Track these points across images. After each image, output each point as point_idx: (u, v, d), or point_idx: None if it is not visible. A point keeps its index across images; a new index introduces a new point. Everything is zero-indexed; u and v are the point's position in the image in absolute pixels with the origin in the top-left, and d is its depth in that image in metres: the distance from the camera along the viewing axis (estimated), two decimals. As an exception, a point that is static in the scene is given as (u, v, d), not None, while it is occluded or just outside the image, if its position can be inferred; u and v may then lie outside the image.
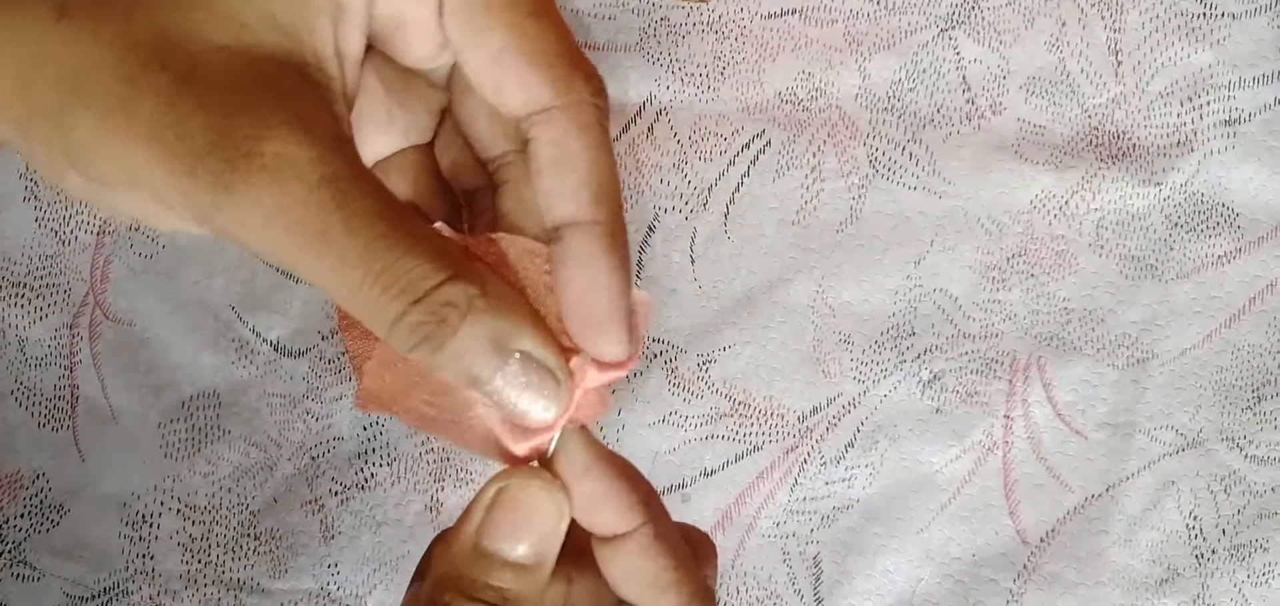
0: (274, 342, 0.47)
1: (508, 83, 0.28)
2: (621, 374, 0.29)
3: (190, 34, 0.25)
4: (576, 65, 0.28)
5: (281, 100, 0.25)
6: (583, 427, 0.30)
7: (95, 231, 0.48)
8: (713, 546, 0.33)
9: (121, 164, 0.24)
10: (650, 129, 0.47)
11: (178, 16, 0.25)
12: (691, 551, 0.30)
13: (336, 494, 0.47)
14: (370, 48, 0.29)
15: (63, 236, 0.48)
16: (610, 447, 0.46)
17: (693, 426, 0.47)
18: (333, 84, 0.27)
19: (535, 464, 0.30)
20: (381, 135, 0.32)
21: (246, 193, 0.24)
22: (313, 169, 0.24)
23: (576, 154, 0.28)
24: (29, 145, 0.25)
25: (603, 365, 0.29)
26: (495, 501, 0.28)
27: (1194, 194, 0.47)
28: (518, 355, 0.27)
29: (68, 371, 0.47)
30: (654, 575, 0.29)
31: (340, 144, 0.25)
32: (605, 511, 0.29)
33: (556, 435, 0.29)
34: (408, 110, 0.31)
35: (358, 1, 0.27)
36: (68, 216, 0.48)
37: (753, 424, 0.47)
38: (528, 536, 0.28)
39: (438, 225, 0.29)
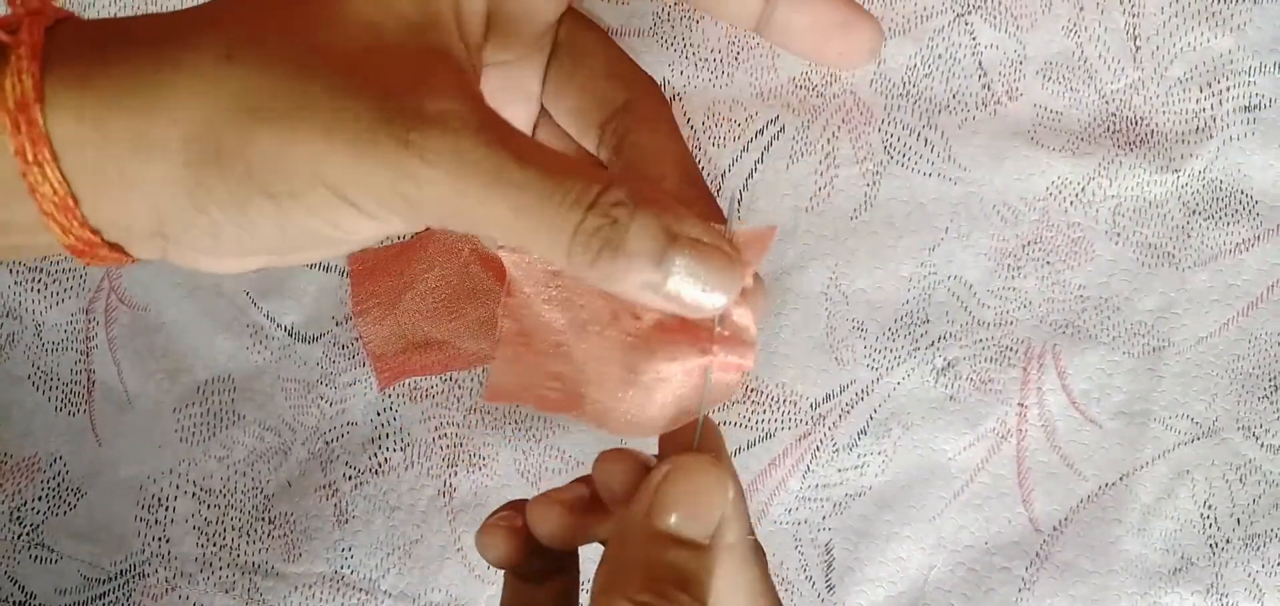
0: (288, 328, 0.48)
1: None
2: (752, 349, 0.31)
3: (339, 41, 0.27)
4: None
5: (430, 68, 0.28)
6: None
7: (110, 216, 0.48)
8: (763, 552, 0.34)
9: (306, 164, 0.26)
10: (663, 114, 0.47)
11: (327, 31, 0.27)
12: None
13: (350, 478, 0.47)
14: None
15: (78, 221, 0.48)
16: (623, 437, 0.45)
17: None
18: (462, 55, 0.29)
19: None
20: None
21: (425, 145, 0.26)
22: (474, 116, 0.27)
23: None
24: (207, 190, 0.27)
25: (734, 344, 0.30)
26: (665, 479, 0.29)
27: (1212, 181, 0.47)
28: (685, 245, 0.27)
29: (84, 356, 0.48)
30: (751, 584, 0.31)
31: (484, 100, 0.28)
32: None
33: (700, 420, 0.30)
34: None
35: (473, 10, 0.30)
36: (83, 201, 0.48)
37: (765, 411, 0.47)
38: (699, 513, 0.29)
39: None
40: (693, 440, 0.31)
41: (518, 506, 0.34)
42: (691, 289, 0.27)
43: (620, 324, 0.31)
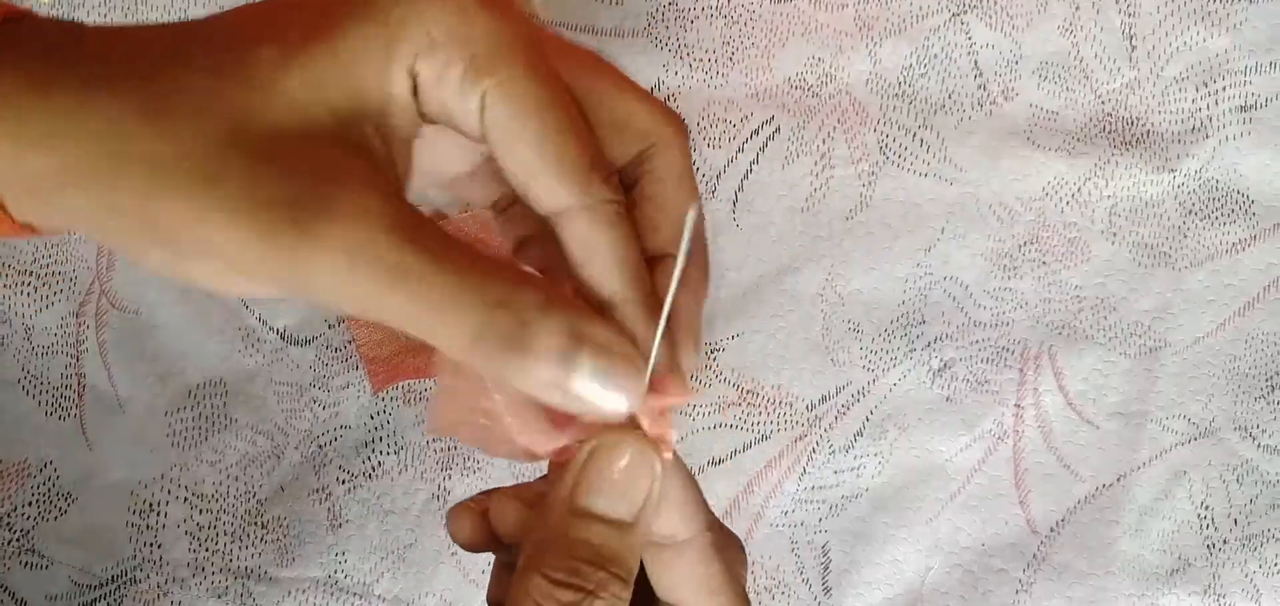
0: (280, 331, 0.47)
1: (537, 188, 0.31)
2: (682, 400, 0.31)
3: (259, 121, 0.27)
4: (595, 169, 0.30)
5: (350, 164, 0.28)
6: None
7: (101, 218, 0.47)
8: (742, 548, 0.34)
9: (204, 238, 0.26)
10: (658, 115, 0.47)
11: (247, 108, 0.27)
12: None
13: (344, 482, 0.47)
14: None
15: (68, 224, 0.47)
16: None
17: (701, 415, 0.47)
18: (383, 153, 0.29)
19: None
20: None
21: (327, 239, 0.26)
22: (384, 214, 0.27)
23: (601, 245, 0.31)
24: (112, 225, 0.27)
25: (662, 394, 0.30)
26: (589, 458, 0.29)
27: (1208, 180, 0.47)
28: (590, 350, 0.28)
29: (74, 359, 0.47)
30: (707, 580, 0.31)
31: (402, 198, 0.28)
32: (671, 516, 0.31)
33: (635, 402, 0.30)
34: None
35: (403, 108, 0.29)
36: (73, 204, 0.47)
37: (761, 412, 0.47)
38: (622, 490, 0.29)
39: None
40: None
41: (494, 493, 0.34)
42: (595, 391, 0.28)
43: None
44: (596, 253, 0.31)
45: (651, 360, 0.30)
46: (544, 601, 0.28)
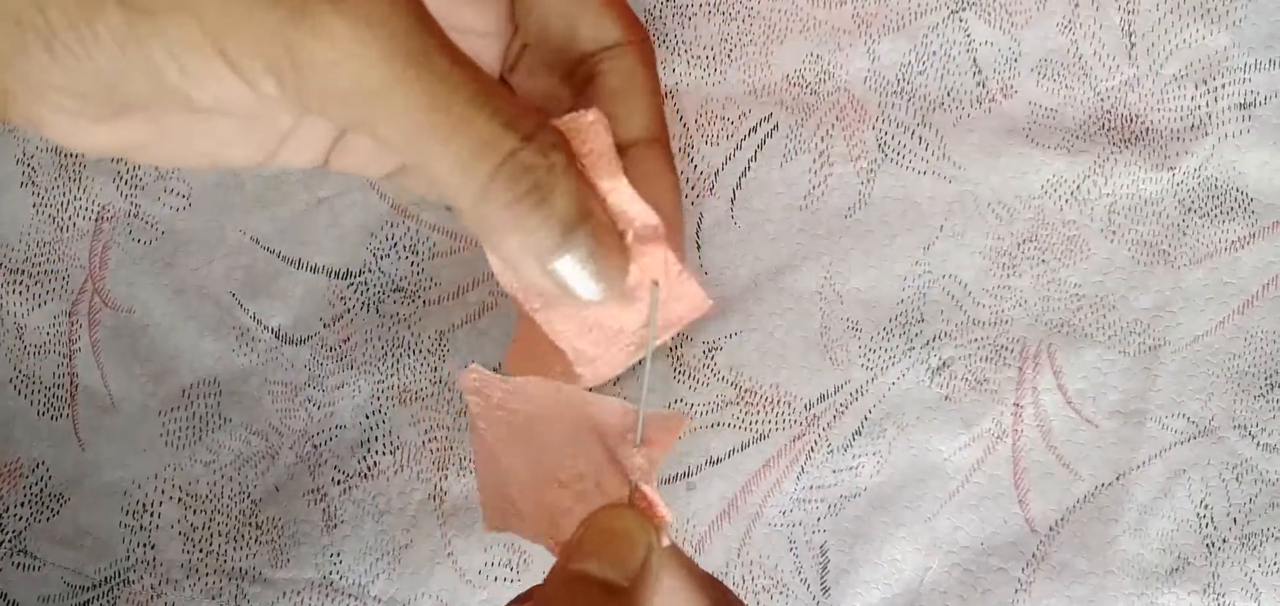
0: (275, 330, 0.47)
1: (584, 23, 0.31)
2: (667, 447, 0.32)
3: None
4: (633, 15, 0.33)
5: None
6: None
7: (93, 217, 0.47)
8: None
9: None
10: (655, 112, 0.47)
11: None
12: None
13: (339, 483, 0.47)
14: None
15: (61, 222, 0.47)
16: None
17: (698, 414, 0.47)
18: None
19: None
20: None
21: (338, 3, 0.21)
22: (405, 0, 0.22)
23: (643, 82, 0.32)
24: None
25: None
26: (584, 528, 0.30)
27: (1208, 178, 0.47)
28: (590, 228, 0.26)
29: (67, 359, 0.47)
30: None
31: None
32: (676, 599, 0.31)
33: (654, 473, 0.32)
34: None
35: None
36: (66, 202, 0.47)
37: (759, 412, 0.47)
38: (615, 554, 0.29)
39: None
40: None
41: None
42: (580, 273, 0.26)
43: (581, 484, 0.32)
44: (636, 89, 0.32)
45: (640, 421, 0.31)
46: None
